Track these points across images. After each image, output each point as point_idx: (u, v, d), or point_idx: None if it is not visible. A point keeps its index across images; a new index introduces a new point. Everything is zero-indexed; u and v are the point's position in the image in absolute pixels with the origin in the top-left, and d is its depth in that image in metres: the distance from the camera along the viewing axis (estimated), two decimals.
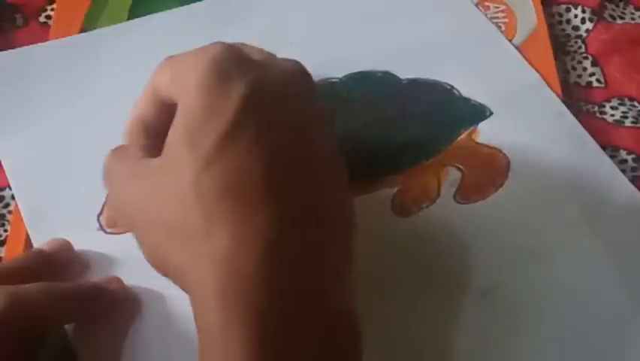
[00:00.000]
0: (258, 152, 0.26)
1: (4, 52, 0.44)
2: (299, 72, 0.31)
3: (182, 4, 0.46)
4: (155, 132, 0.30)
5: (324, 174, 0.29)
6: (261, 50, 0.31)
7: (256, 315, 0.25)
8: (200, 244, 0.26)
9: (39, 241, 0.36)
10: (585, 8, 0.46)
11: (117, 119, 0.41)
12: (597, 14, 0.46)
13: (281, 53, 0.43)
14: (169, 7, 0.46)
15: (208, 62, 0.28)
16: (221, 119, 0.27)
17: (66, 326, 0.33)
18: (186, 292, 0.27)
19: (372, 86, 0.42)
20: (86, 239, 0.36)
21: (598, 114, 0.42)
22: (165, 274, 0.28)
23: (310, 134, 0.29)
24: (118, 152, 0.31)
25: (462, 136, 0.40)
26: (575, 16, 0.46)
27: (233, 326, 0.25)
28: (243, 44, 0.31)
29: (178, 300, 0.34)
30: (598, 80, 0.43)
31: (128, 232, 0.34)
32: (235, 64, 0.28)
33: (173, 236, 0.27)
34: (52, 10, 0.47)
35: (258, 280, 0.25)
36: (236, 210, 0.26)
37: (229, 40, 0.46)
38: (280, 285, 0.26)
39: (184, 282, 0.27)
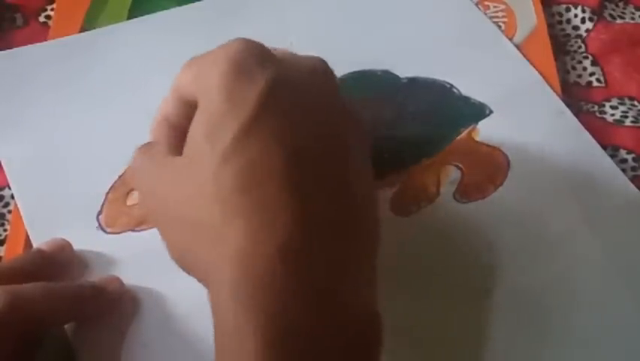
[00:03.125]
0: (275, 148, 0.26)
1: (4, 52, 0.44)
2: (321, 69, 0.30)
3: (180, 4, 0.46)
4: (179, 131, 0.30)
5: (349, 173, 0.28)
6: (282, 49, 0.31)
7: (270, 316, 0.24)
8: (218, 242, 0.26)
9: (39, 241, 0.36)
10: (585, 8, 0.46)
11: (116, 118, 0.41)
12: (597, 14, 0.46)
13: None
14: (168, 7, 0.46)
15: (228, 58, 0.27)
16: (240, 114, 0.26)
17: (66, 326, 0.33)
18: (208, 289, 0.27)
19: (371, 85, 0.42)
20: (86, 239, 0.36)
21: (598, 114, 0.42)
22: (189, 272, 0.28)
23: (333, 131, 0.28)
24: (144, 149, 0.31)
25: (462, 135, 0.40)
26: (575, 15, 0.46)
27: (247, 326, 0.24)
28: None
29: (178, 300, 0.34)
30: (598, 80, 0.43)
31: (147, 229, 0.36)
32: (255, 59, 0.28)
33: (194, 233, 0.27)
34: (52, 10, 0.47)
35: (271, 280, 0.25)
36: (252, 206, 0.25)
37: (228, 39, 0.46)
38: (295, 285, 0.25)
39: (205, 280, 0.27)
